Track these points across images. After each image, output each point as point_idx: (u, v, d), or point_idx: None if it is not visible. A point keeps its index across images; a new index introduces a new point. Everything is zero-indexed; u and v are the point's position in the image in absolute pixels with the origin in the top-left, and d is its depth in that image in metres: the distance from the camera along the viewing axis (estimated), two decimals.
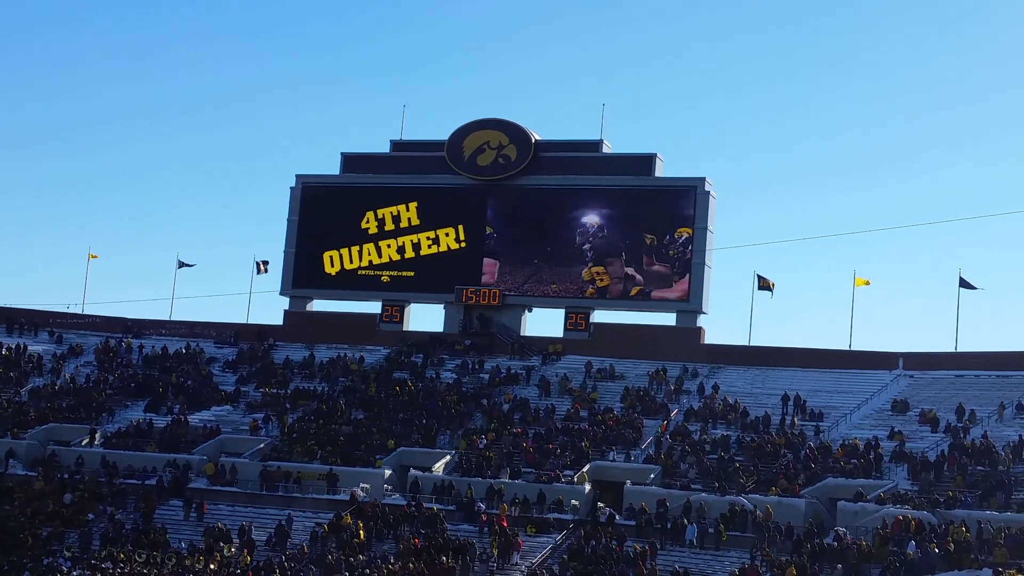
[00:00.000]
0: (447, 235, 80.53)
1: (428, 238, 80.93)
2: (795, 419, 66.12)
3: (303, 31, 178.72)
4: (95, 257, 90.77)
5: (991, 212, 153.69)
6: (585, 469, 61.58)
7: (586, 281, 78.07)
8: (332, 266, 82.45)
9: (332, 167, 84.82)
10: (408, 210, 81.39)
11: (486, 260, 79.92)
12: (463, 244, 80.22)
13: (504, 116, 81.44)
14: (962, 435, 60.90)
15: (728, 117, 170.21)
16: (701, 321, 76.56)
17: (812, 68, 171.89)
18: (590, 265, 78.15)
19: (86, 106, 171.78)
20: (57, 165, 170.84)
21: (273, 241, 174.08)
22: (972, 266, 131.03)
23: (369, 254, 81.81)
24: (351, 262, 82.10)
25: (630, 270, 77.39)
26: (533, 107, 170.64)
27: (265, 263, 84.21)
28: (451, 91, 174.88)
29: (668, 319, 77.39)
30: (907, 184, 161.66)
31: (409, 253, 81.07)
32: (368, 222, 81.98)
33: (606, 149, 79.89)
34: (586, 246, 78.44)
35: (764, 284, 75.75)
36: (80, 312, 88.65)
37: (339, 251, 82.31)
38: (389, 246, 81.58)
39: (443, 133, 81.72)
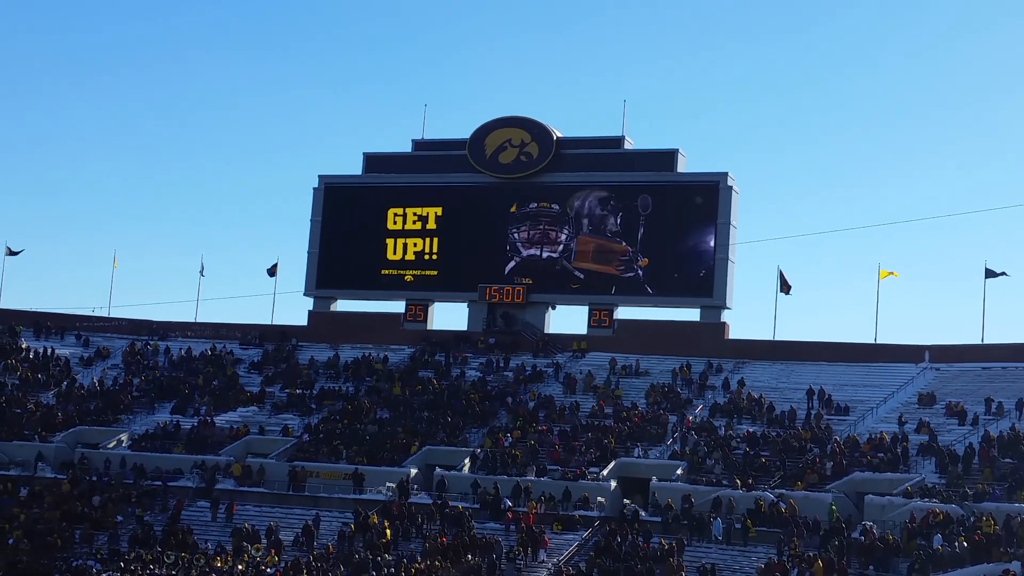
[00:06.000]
0: (469, 238, 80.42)
1: (449, 239, 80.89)
2: (821, 413, 65.91)
3: (324, 32, 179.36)
4: (116, 267, 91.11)
5: (1017, 203, 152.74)
6: (611, 466, 61.55)
7: (610, 277, 77.92)
8: (395, 253, 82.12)
9: (354, 167, 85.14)
10: (432, 217, 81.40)
11: (509, 258, 79.90)
12: (484, 244, 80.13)
13: (525, 114, 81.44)
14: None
15: (750, 112, 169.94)
16: (725, 316, 76.37)
17: (834, 61, 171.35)
18: (614, 261, 77.99)
19: (109, 110, 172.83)
20: (81, 169, 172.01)
21: (296, 242, 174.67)
22: (997, 257, 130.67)
23: (394, 252, 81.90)
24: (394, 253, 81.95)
25: (653, 265, 77.17)
26: (554, 104, 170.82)
27: (274, 266, 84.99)
28: (472, 90, 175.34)
29: (692, 315, 77.23)
30: (931, 176, 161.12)
31: (432, 252, 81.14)
32: (393, 221, 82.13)
33: (628, 145, 79.77)
34: (608, 243, 78.28)
35: (784, 287, 75.41)
36: (106, 315, 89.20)
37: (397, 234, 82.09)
38: (416, 245, 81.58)
39: (465, 132, 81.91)
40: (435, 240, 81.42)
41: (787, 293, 75.49)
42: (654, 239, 77.29)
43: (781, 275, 75.53)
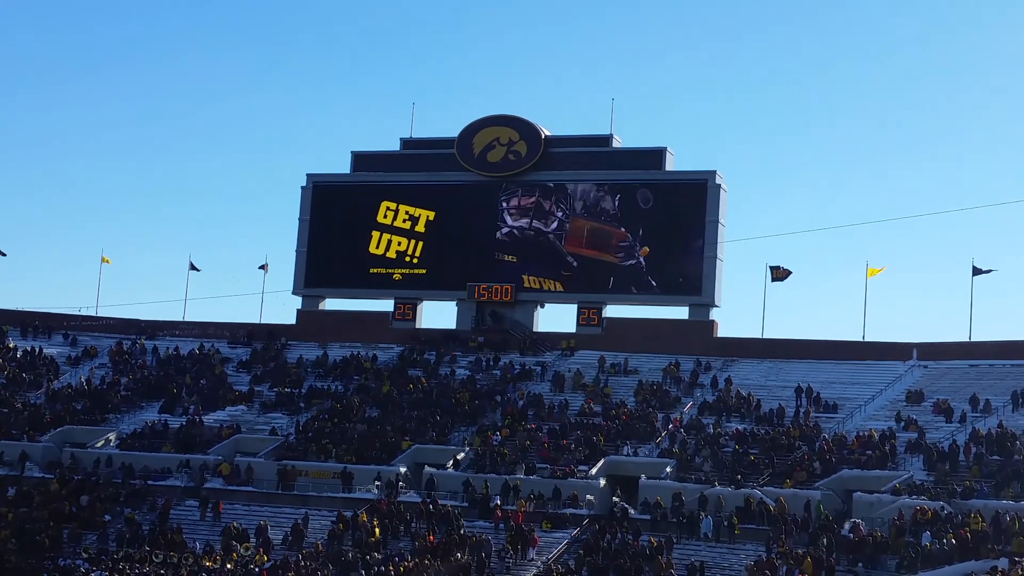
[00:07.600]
0: (457, 236, 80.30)
1: (437, 237, 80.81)
2: (809, 411, 66.00)
3: (311, 30, 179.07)
4: (107, 262, 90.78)
5: (1004, 200, 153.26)
6: (600, 464, 61.56)
7: (607, 265, 77.79)
8: (378, 247, 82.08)
9: (343, 166, 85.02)
10: (421, 216, 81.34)
11: (498, 256, 79.86)
12: (472, 243, 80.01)
13: (514, 112, 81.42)
14: None
15: (738, 109, 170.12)
16: (714, 314, 76.42)
17: (821, 59, 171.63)
18: (611, 247, 77.85)
19: (97, 109, 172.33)
20: (69, 168, 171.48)
21: (284, 241, 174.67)
22: (985, 254, 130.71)
23: (382, 247, 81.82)
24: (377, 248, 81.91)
25: (642, 264, 77.20)
26: (542, 103, 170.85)
27: (264, 265, 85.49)
28: (460, 88, 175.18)
29: (681, 313, 77.28)
30: (919, 173, 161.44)
31: (421, 252, 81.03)
32: (384, 216, 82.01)
33: (616, 144, 79.80)
34: (597, 241, 78.26)
35: (778, 275, 75.23)
36: (94, 314, 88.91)
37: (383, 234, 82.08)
38: (400, 244, 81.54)
39: (453, 130, 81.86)
40: (423, 239, 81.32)
41: (785, 278, 74.93)
42: (646, 236, 77.24)
43: (772, 268, 75.27)
